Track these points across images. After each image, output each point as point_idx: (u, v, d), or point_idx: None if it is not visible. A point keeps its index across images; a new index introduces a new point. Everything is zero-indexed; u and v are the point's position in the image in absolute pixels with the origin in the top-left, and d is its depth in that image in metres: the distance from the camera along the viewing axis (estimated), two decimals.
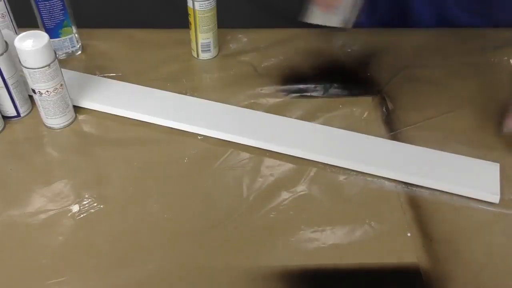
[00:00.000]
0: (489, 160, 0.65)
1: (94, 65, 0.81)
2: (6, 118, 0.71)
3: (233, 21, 0.91)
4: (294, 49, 0.85)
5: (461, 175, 0.63)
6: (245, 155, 0.67)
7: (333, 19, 0.69)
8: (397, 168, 0.64)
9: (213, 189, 0.63)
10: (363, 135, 0.69)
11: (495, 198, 0.61)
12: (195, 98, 0.75)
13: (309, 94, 0.77)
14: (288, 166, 0.66)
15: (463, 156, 0.66)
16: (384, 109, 0.74)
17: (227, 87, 0.78)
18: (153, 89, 0.75)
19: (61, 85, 0.67)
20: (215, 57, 0.84)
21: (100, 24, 0.90)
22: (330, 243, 0.58)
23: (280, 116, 0.71)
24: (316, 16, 0.69)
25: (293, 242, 0.58)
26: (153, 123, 0.71)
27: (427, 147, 0.67)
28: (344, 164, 0.65)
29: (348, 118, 0.72)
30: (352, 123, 0.71)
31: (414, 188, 0.63)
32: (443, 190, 0.63)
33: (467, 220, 0.60)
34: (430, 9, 0.90)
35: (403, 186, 0.64)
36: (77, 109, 0.73)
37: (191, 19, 0.79)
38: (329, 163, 0.66)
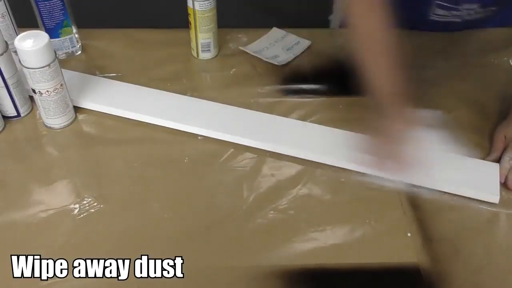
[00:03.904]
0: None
1: (94, 65, 0.81)
2: (6, 118, 0.71)
3: (233, 21, 0.91)
4: None
5: (461, 175, 0.63)
6: (245, 155, 0.67)
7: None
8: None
9: (213, 189, 0.63)
10: (363, 135, 0.68)
11: (495, 198, 0.61)
12: (195, 98, 0.74)
13: (309, 94, 0.77)
14: (288, 166, 0.66)
15: (463, 156, 0.66)
16: None
17: (227, 87, 0.78)
18: (153, 89, 0.75)
19: (61, 85, 0.67)
20: (215, 57, 0.84)
21: (100, 24, 0.90)
22: (330, 243, 0.58)
23: (280, 116, 0.71)
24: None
25: (293, 242, 0.58)
26: (153, 123, 0.71)
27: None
28: (344, 164, 0.65)
29: (348, 118, 0.72)
30: (352, 123, 0.71)
31: (414, 188, 0.63)
32: (443, 190, 0.63)
33: (467, 220, 0.60)
34: None
35: (403, 186, 0.64)
36: (77, 109, 0.73)
37: (191, 19, 0.79)
38: (329, 163, 0.66)
